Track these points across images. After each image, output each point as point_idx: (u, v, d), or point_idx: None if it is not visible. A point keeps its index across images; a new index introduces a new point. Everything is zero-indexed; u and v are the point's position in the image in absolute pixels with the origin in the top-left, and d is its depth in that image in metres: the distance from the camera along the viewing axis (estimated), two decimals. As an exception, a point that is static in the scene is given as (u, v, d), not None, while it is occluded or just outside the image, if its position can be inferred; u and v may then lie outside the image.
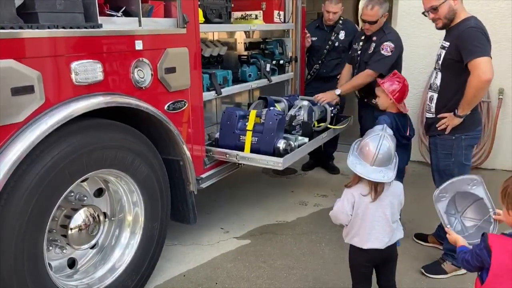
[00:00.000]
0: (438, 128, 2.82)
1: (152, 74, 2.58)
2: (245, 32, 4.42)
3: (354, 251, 2.25)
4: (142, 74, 2.53)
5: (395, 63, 3.55)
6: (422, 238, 3.30)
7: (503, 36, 4.52)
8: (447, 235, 1.98)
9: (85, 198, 2.55)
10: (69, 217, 2.38)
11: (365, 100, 3.68)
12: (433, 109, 2.88)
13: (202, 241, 3.40)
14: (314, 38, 4.53)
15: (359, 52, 3.72)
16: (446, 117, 2.78)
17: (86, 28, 2.18)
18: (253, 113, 3.10)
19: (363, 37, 3.72)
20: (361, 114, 3.94)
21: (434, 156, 2.94)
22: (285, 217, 3.78)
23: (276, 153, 3.00)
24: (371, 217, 2.12)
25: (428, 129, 3.01)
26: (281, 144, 3.01)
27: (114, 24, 2.39)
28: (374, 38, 3.55)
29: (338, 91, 3.53)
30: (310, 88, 4.47)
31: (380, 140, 2.07)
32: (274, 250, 3.27)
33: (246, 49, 4.33)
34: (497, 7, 4.51)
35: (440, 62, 2.82)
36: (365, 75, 3.52)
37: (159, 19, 2.72)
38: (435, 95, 2.85)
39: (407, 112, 3.21)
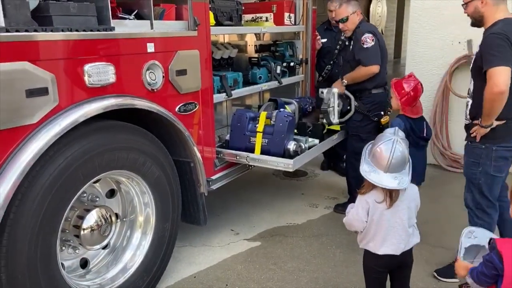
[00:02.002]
0: (471, 135, 2.69)
1: (163, 76, 2.61)
2: (255, 34, 4.44)
3: (369, 256, 2.20)
4: (154, 76, 2.56)
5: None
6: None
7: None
8: (455, 263, 1.89)
9: (98, 199, 2.58)
10: (81, 217, 2.40)
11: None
12: (468, 115, 2.76)
13: (213, 243, 3.41)
14: (324, 40, 4.52)
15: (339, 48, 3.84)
16: (477, 125, 2.65)
17: (99, 31, 2.21)
18: (263, 114, 3.11)
19: (343, 37, 3.76)
20: None
21: (465, 162, 2.82)
22: (295, 220, 3.77)
23: (287, 154, 3.00)
24: (387, 223, 2.07)
25: (466, 133, 2.83)
26: (291, 146, 3.01)
27: (126, 27, 2.42)
28: (353, 36, 3.56)
29: (344, 82, 3.53)
30: None
31: (393, 144, 2.00)
32: (284, 252, 3.27)
33: (256, 51, 4.36)
34: (510, 7, 4.44)
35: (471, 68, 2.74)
36: (364, 71, 3.45)
37: (171, 22, 2.74)
38: (470, 101, 2.74)
39: (418, 116, 3.18)
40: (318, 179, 4.73)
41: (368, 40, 3.39)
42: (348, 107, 3.59)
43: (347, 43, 3.67)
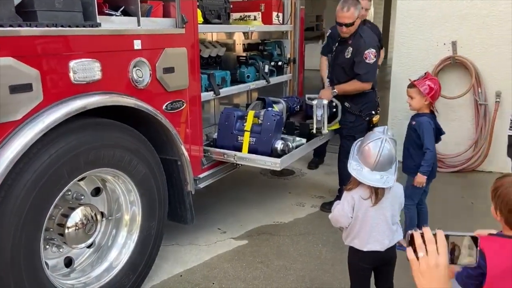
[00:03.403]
0: None
1: (150, 74, 2.59)
2: (243, 33, 4.44)
3: (354, 253, 2.23)
4: (141, 74, 2.54)
5: None
6: None
7: (501, 40, 4.54)
8: None
9: (82, 197, 2.56)
10: (66, 216, 2.37)
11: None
12: None
13: (199, 242, 3.40)
14: None
15: (333, 53, 3.71)
16: None
17: (84, 27, 2.18)
18: (251, 113, 3.11)
19: (339, 38, 3.69)
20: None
21: None
22: (282, 218, 3.78)
23: (274, 153, 3.01)
24: (372, 220, 2.10)
25: (508, 150, 2.66)
26: (278, 145, 3.02)
27: (113, 23, 2.40)
28: (350, 42, 3.50)
29: (334, 92, 3.53)
30: None
31: (381, 143, 2.02)
32: (271, 250, 3.27)
33: (244, 50, 4.35)
34: (495, 10, 4.53)
35: None
36: (358, 85, 3.49)
37: (158, 19, 2.72)
38: None
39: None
40: (305, 178, 4.75)
41: (371, 56, 3.42)
42: (334, 110, 3.60)
43: (337, 45, 3.62)
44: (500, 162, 4.78)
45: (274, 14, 4.01)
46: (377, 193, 2.06)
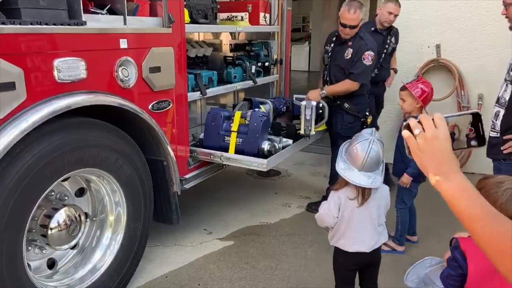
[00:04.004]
0: (504, 151, 2.44)
1: (136, 73, 2.57)
2: (230, 33, 4.43)
3: (339, 254, 2.24)
4: (127, 73, 2.51)
5: None
6: None
7: (484, 43, 4.62)
8: None
9: (66, 198, 2.52)
10: (49, 216, 2.33)
11: (338, 102, 3.68)
12: (498, 127, 2.50)
13: (185, 242, 3.38)
14: None
15: (329, 53, 3.70)
16: None
17: (69, 25, 2.15)
18: (238, 114, 3.11)
19: (334, 39, 3.72)
20: (330, 117, 3.75)
21: None
22: (268, 219, 3.78)
23: (261, 154, 3.01)
24: (358, 220, 2.11)
25: (490, 151, 2.60)
26: (265, 146, 3.02)
27: (99, 22, 2.37)
28: (350, 43, 3.53)
29: (323, 93, 3.54)
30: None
31: (369, 145, 2.03)
32: (257, 251, 3.27)
33: (231, 50, 4.35)
34: (478, 14, 4.61)
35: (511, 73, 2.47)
36: (349, 84, 3.52)
37: (145, 18, 2.70)
38: (502, 111, 2.48)
39: None
40: (291, 179, 4.77)
41: (369, 58, 3.48)
42: (320, 111, 3.62)
43: (334, 45, 3.63)
44: (483, 164, 4.87)
45: (261, 15, 4.01)
46: (364, 194, 2.08)
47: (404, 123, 1.04)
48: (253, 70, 3.93)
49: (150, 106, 2.71)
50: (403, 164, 3.02)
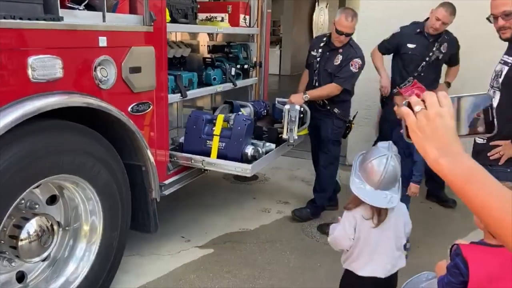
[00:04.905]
0: (490, 158, 2.41)
1: (116, 73, 2.42)
2: (208, 34, 4.32)
3: (350, 277, 2.08)
4: (105, 73, 2.36)
5: None
6: None
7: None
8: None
9: (37, 206, 2.33)
10: (19, 227, 2.15)
11: (328, 108, 3.65)
12: None
13: (162, 251, 3.23)
14: (412, 45, 3.89)
15: (318, 59, 3.68)
16: (500, 145, 2.37)
17: (45, 20, 1.99)
18: (220, 117, 3.01)
19: (321, 44, 3.68)
20: (319, 123, 3.69)
21: None
22: (248, 225, 3.69)
23: (244, 159, 2.91)
24: (374, 242, 1.97)
25: (476, 158, 2.63)
26: (249, 150, 2.93)
27: (76, 18, 2.21)
28: (341, 50, 3.52)
29: (306, 97, 3.49)
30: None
31: (387, 161, 1.90)
32: (238, 259, 3.17)
33: (209, 52, 4.23)
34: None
35: (500, 80, 2.40)
36: (333, 88, 3.50)
37: (124, 15, 2.56)
38: None
39: None
40: (269, 183, 4.69)
41: (356, 66, 3.47)
42: (302, 115, 3.56)
43: (328, 53, 3.59)
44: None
45: (241, 16, 3.92)
46: (380, 214, 1.94)
47: (403, 102, 0.92)
48: (232, 72, 3.83)
49: (129, 108, 2.56)
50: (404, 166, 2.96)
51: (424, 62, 3.86)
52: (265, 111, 3.88)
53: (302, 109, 3.49)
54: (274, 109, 3.74)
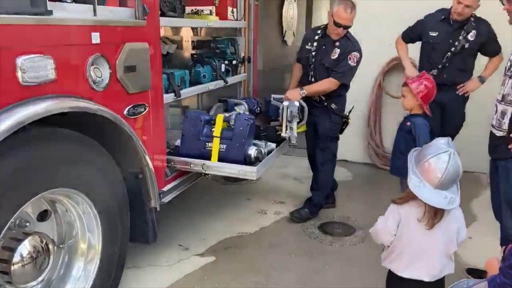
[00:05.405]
0: None
1: (110, 73, 2.19)
2: (192, 29, 4.10)
3: (392, 279, 1.99)
4: (100, 73, 2.14)
5: None
6: (478, 275, 2.66)
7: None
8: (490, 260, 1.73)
9: (28, 224, 2.09)
10: (10, 249, 1.91)
11: (325, 104, 3.52)
12: (505, 126, 2.36)
13: (160, 262, 3.02)
14: (434, 33, 3.61)
15: (313, 53, 3.54)
16: None
17: (35, 15, 1.74)
18: (220, 117, 2.82)
19: (316, 37, 3.54)
20: (316, 119, 3.56)
21: (505, 185, 2.44)
22: (246, 228, 3.52)
23: (247, 161, 2.75)
24: (418, 244, 1.86)
25: (494, 150, 2.50)
26: (252, 152, 2.77)
27: (67, 11, 1.97)
28: (338, 44, 3.39)
29: (304, 93, 3.34)
30: None
31: (449, 158, 1.75)
32: (242, 266, 3.00)
33: (194, 47, 4.01)
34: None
35: None
36: (331, 83, 3.38)
37: (116, 8, 2.33)
38: (510, 109, 2.35)
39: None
40: (260, 183, 4.53)
41: (354, 59, 3.35)
42: (298, 112, 3.42)
43: (324, 46, 3.44)
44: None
45: (229, 9, 3.72)
46: (436, 215, 1.81)
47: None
48: (222, 69, 3.64)
49: (125, 111, 2.34)
50: (405, 163, 2.86)
51: (449, 53, 3.56)
52: (258, 108, 3.71)
53: (299, 105, 3.36)
54: (268, 106, 3.58)
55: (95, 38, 2.07)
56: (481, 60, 3.77)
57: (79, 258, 2.29)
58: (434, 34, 3.62)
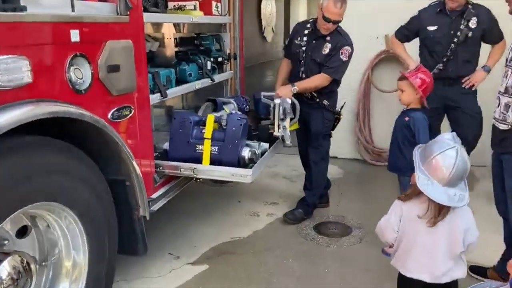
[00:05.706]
0: None
1: (92, 74, 2.01)
2: (175, 26, 3.91)
3: (400, 276, 1.94)
4: (80, 74, 1.96)
5: None
6: (481, 273, 2.65)
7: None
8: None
9: (6, 242, 1.89)
10: (-13, 272, 1.72)
11: (317, 100, 3.40)
12: (510, 119, 2.30)
13: (151, 273, 2.85)
14: (433, 28, 3.50)
15: (303, 48, 3.41)
16: None
17: (6, 11, 1.55)
18: (210, 118, 2.67)
19: (306, 32, 3.41)
20: (308, 116, 3.43)
21: (511, 180, 2.39)
22: (239, 232, 3.37)
23: (241, 163, 2.60)
24: (420, 241, 1.80)
25: (498, 144, 2.45)
26: (246, 153, 2.62)
27: (42, 7, 1.78)
28: (328, 38, 3.27)
29: (295, 89, 3.21)
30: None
31: (457, 154, 1.70)
32: (238, 273, 2.86)
33: (176, 45, 3.83)
34: (423, 5, 4.60)
35: None
36: (323, 79, 3.27)
37: (95, 3, 2.14)
38: None
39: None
40: (250, 184, 4.32)
41: (346, 54, 3.24)
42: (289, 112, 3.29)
43: (314, 41, 3.31)
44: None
45: (214, 4, 3.56)
46: (439, 213, 1.74)
47: None
48: (208, 67, 3.48)
49: (109, 115, 2.16)
50: (404, 159, 2.76)
51: (452, 44, 3.43)
52: (247, 107, 3.56)
53: (291, 102, 3.22)
54: (258, 104, 3.44)
55: (74, 36, 1.89)
56: (482, 51, 3.67)
57: (64, 279, 2.10)
58: (433, 28, 3.50)
